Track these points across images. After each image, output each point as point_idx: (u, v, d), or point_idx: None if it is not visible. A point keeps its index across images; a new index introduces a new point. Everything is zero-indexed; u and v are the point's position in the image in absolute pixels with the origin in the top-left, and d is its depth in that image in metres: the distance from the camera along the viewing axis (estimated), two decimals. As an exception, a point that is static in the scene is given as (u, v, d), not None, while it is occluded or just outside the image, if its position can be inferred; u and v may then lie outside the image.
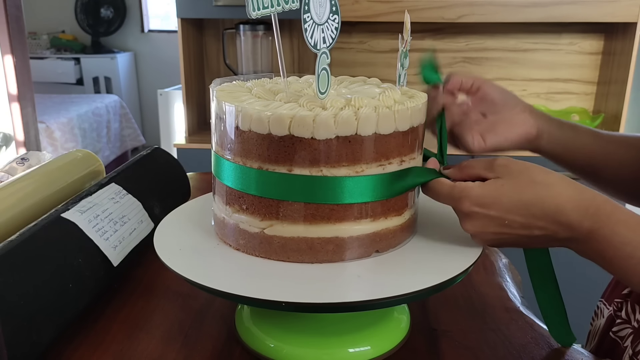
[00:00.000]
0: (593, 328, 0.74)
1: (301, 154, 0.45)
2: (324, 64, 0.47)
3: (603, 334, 0.69)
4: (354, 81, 0.60)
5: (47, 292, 0.49)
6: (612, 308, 0.70)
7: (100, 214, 0.59)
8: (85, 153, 0.79)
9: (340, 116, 0.45)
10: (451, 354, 0.52)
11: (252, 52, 1.82)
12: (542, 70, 1.90)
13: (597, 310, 0.75)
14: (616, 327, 0.67)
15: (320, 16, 0.47)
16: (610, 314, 0.70)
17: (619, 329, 0.66)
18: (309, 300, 0.43)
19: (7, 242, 0.50)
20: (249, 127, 0.47)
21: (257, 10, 0.47)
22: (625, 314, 0.67)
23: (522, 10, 1.63)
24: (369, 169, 0.47)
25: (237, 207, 0.50)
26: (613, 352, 0.65)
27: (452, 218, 0.51)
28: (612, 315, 0.69)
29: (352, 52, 1.95)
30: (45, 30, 4.38)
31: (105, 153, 3.70)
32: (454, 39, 1.91)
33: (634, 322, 0.64)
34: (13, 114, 2.57)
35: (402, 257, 0.50)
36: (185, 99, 1.81)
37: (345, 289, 0.46)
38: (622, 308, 0.68)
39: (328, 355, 0.51)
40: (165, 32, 4.36)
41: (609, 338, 0.67)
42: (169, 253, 0.50)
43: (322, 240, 0.48)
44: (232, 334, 0.55)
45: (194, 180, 0.93)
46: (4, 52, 2.47)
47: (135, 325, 0.56)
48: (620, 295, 0.69)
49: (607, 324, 0.69)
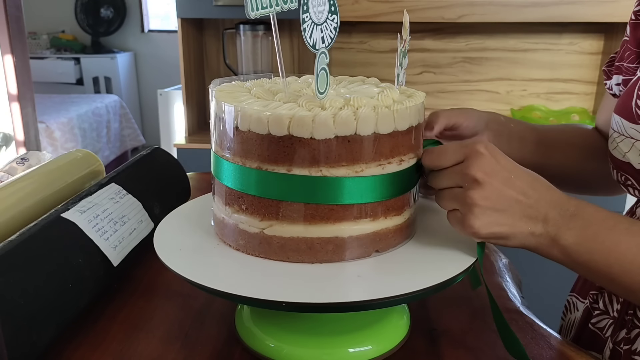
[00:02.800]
0: (566, 322, 0.76)
1: (300, 154, 0.45)
2: (323, 64, 0.47)
3: (581, 327, 0.70)
4: (352, 81, 0.60)
5: (47, 292, 0.49)
6: (587, 300, 0.71)
7: (100, 214, 0.59)
8: (85, 153, 0.79)
9: (339, 116, 0.45)
10: (451, 354, 0.52)
11: (252, 52, 1.83)
12: (542, 70, 1.90)
13: (567, 305, 0.77)
14: (594, 318, 0.68)
15: (319, 16, 0.47)
16: (587, 307, 0.71)
17: (598, 320, 0.67)
18: (308, 300, 0.43)
19: (7, 242, 0.50)
20: (248, 127, 0.47)
21: (255, 10, 0.47)
22: (603, 305, 0.67)
23: (522, 10, 1.63)
24: (369, 169, 0.47)
25: (236, 207, 0.50)
26: (593, 343, 0.66)
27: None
28: (589, 307, 0.70)
29: (352, 52, 1.95)
30: (45, 30, 4.39)
31: (105, 153, 3.70)
32: (454, 39, 1.91)
33: (614, 313, 0.64)
34: (13, 114, 2.57)
35: (402, 257, 0.50)
36: (185, 99, 1.81)
37: (345, 289, 0.46)
38: (598, 300, 0.69)
39: (328, 355, 0.51)
40: (165, 32, 4.36)
41: (588, 330, 0.68)
42: (169, 253, 0.50)
43: (321, 240, 0.48)
44: (232, 334, 0.55)
45: (194, 180, 0.93)
46: (4, 52, 2.47)
47: (135, 325, 0.56)
48: (595, 287, 0.70)
49: (584, 317, 0.70)
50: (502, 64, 1.92)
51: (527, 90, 1.93)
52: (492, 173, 0.47)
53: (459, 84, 1.95)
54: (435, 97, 1.96)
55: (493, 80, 1.94)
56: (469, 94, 1.96)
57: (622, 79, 0.76)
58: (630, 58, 0.73)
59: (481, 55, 1.92)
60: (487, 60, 1.92)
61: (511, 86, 1.94)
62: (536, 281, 1.37)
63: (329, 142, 0.45)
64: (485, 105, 1.96)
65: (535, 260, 0.49)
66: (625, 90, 0.70)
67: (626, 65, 0.74)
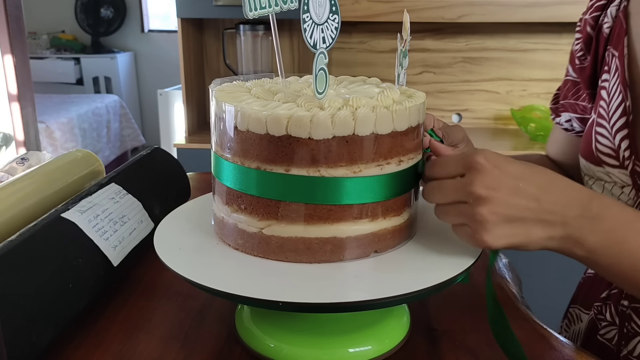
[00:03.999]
0: (570, 334, 0.76)
1: (299, 154, 0.45)
2: (322, 64, 0.47)
3: (587, 338, 0.70)
4: (353, 81, 0.60)
5: (47, 292, 0.49)
6: (593, 312, 0.70)
7: (100, 213, 0.59)
8: (85, 153, 0.79)
9: (338, 116, 0.45)
10: (451, 354, 0.52)
11: (252, 52, 1.83)
12: (542, 70, 1.90)
13: (570, 317, 0.76)
14: (603, 330, 0.67)
15: (320, 16, 0.47)
16: (592, 318, 0.70)
17: (606, 332, 0.67)
18: (308, 300, 0.43)
19: (7, 242, 0.50)
20: (247, 127, 0.47)
21: (254, 10, 0.46)
22: (610, 317, 0.67)
23: (522, 10, 1.63)
24: (367, 169, 0.47)
25: (235, 206, 0.50)
26: (602, 354, 0.65)
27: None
28: (594, 319, 0.70)
29: (352, 52, 1.95)
30: (45, 30, 4.38)
31: (105, 153, 3.70)
32: (454, 39, 1.91)
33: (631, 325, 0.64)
34: (13, 114, 2.57)
35: (401, 257, 0.50)
36: (185, 99, 1.81)
37: (345, 288, 0.46)
38: (603, 311, 0.69)
39: (328, 355, 0.51)
40: (165, 32, 4.36)
41: (595, 341, 0.67)
42: (169, 253, 0.50)
43: (320, 240, 0.48)
44: (232, 334, 0.55)
45: (194, 180, 0.93)
46: (4, 52, 2.47)
47: (135, 325, 0.56)
48: (599, 299, 0.70)
49: (589, 328, 0.70)
50: (502, 64, 1.92)
51: (527, 90, 1.93)
52: (497, 186, 0.46)
53: (459, 84, 1.95)
54: (435, 97, 1.96)
55: (493, 80, 1.94)
56: (469, 94, 1.96)
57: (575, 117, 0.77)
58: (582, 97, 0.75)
59: (481, 55, 1.92)
60: (487, 60, 1.92)
61: (511, 86, 1.94)
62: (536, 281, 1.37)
63: (328, 142, 0.45)
64: (485, 105, 1.96)
65: (535, 261, 0.49)
66: (585, 132, 0.71)
67: (582, 105, 0.76)
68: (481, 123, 1.98)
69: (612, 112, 0.66)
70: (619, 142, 0.64)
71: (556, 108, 0.81)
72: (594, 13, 0.72)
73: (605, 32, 0.69)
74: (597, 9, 0.71)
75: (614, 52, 0.68)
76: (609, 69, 0.68)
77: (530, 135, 1.78)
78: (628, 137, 0.63)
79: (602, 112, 0.67)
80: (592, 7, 0.72)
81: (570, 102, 0.78)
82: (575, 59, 0.75)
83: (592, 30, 0.72)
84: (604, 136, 0.66)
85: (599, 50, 0.71)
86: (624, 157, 0.64)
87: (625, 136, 0.63)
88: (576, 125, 0.78)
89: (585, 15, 0.74)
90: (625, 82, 0.65)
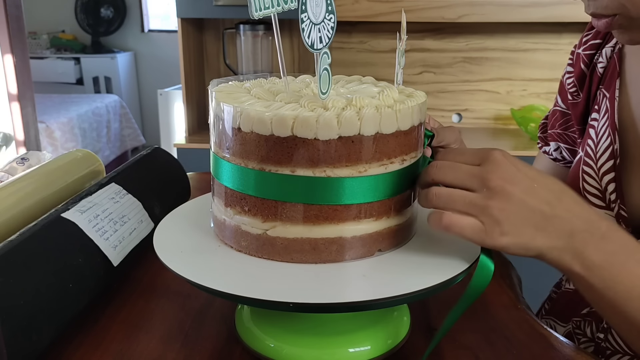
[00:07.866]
0: None
1: (304, 154, 0.45)
2: (325, 64, 0.47)
3: None
4: (350, 80, 0.60)
5: (47, 292, 0.49)
6: (571, 325, 0.71)
7: (100, 213, 0.59)
8: (85, 153, 0.79)
9: (343, 116, 0.45)
10: (451, 354, 0.52)
11: (252, 52, 1.83)
12: (542, 70, 1.90)
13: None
14: (582, 345, 0.68)
15: (317, 16, 0.47)
16: (569, 332, 0.71)
17: (585, 347, 0.68)
18: (309, 300, 0.43)
19: (7, 242, 0.50)
20: (250, 128, 0.46)
21: (259, 10, 0.47)
22: (590, 333, 0.67)
23: (522, 10, 1.63)
24: (371, 168, 0.47)
25: (238, 208, 0.50)
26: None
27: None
28: (572, 332, 0.71)
29: (352, 52, 1.95)
30: (45, 30, 4.39)
31: (105, 153, 3.70)
32: (454, 39, 1.91)
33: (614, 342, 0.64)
34: (13, 114, 2.57)
35: (402, 257, 0.50)
36: (185, 99, 1.81)
37: (346, 289, 0.46)
38: (582, 327, 0.69)
39: (328, 355, 0.51)
40: (165, 32, 4.36)
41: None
42: (169, 253, 0.50)
43: (325, 240, 0.48)
44: (232, 334, 0.55)
45: (194, 180, 0.93)
46: (4, 52, 2.47)
47: (135, 325, 0.56)
48: (578, 314, 0.70)
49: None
50: (502, 64, 1.92)
51: (527, 90, 1.93)
52: (514, 181, 0.44)
53: (459, 84, 1.95)
54: (435, 97, 1.96)
55: (493, 80, 1.94)
56: (469, 94, 1.96)
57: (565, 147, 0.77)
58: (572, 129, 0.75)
59: (481, 55, 1.92)
60: (487, 60, 1.92)
61: (511, 86, 1.94)
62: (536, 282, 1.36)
63: (332, 142, 0.45)
64: (485, 105, 1.96)
65: (536, 260, 0.48)
66: (571, 170, 0.71)
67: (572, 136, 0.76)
68: (481, 123, 1.98)
69: (599, 154, 0.65)
70: (605, 185, 0.64)
71: (544, 137, 0.82)
72: (588, 51, 0.71)
73: (599, 72, 0.69)
74: (592, 47, 0.71)
75: (605, 92, 0.68)
76: (599, 108, 0.68)
77: (530, 135, 1.78)
78: (615, 180, 0.63)
79: (590, 152, 0.67)
80: (586, 44, 0.72)
81: (558, 132, 0.79)
82: (567, 94, 0.75)
83: (586, 69, 0.72)
84: (592, 176, 0.66)
85: (592, 89, 0.71)
86: (610, 199, 0.64)
87: (612, 179, 0.63)
88: (566, 155, 0.79)
89: (579, 49, 0.73)
90: (614, 125, 0.65)
